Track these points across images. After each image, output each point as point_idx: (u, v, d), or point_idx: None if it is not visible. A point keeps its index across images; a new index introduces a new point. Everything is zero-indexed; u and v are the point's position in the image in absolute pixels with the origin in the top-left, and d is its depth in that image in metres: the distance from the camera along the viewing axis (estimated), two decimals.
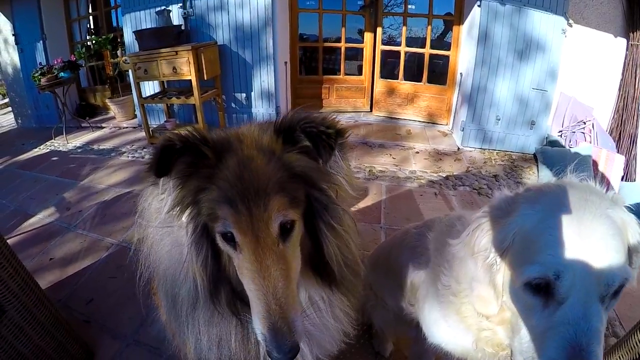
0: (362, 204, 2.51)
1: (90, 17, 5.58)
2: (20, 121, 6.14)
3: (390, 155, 3.40)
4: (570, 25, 3.22)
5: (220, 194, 0.70)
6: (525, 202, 0.69)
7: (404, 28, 4.14)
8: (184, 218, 0.75)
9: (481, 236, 0.72)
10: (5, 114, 7.26)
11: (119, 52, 4.74)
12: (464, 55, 3.75)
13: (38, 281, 1.98)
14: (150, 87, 4.44)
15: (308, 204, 0.77)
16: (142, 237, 0.94)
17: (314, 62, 4.59)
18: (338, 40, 4.41)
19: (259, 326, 0.69)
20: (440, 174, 3.02)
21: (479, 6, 3.25)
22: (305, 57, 4.68)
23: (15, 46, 5.46)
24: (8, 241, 2.40)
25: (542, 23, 3.20)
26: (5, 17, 5.49)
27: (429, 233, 0.96)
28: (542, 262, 0.60)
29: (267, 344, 0.67)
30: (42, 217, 2.76)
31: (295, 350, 0.68)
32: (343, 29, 4.29)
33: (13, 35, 5.42)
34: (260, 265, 0.70)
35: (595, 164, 2.81)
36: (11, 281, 1.26)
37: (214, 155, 0.72)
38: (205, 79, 3.70)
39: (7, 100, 6.77)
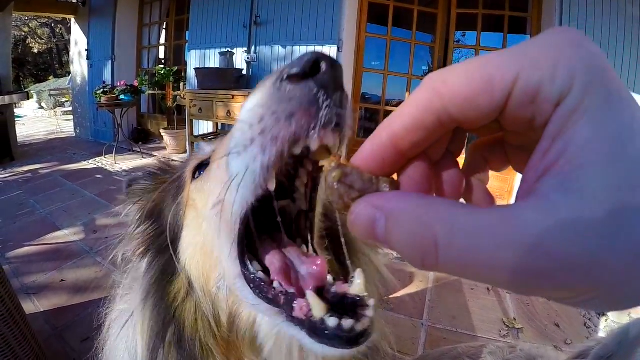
0: (405, 291, 2.32)
1: (161, 48, 6.11)
2: (78, 131, 6.76)
3: None
4: None
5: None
6: None
7: None
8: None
9: None
10: (68, 120, 8.03)
11: (181, 86, 5.04)
12: None
13: (43, 301, 2.08)
14: (204, 126, 4.65)
15: None
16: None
17: (373, 124, 4.60)
18: (400, 104, 4.40)
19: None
20: None
21: None
22: (364, 118, 4.74)
23: (87, 61, 6.09)
24: (28, 248, 2.52)
25: None
26: (82, 31, 6.22)
27: None
28: None
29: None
30: (67, 234, 2.87)
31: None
32: (407, 94, 4.31)
33: (86, 50, 6.09)
34: None
35: None
36: None
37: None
38: None
39: (72, 108, 7.52)
